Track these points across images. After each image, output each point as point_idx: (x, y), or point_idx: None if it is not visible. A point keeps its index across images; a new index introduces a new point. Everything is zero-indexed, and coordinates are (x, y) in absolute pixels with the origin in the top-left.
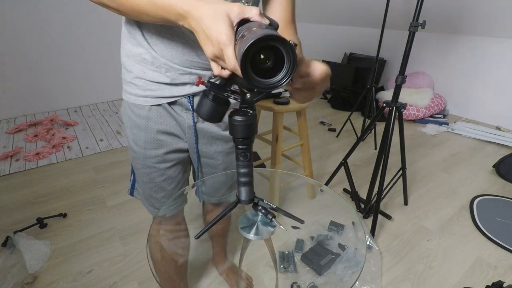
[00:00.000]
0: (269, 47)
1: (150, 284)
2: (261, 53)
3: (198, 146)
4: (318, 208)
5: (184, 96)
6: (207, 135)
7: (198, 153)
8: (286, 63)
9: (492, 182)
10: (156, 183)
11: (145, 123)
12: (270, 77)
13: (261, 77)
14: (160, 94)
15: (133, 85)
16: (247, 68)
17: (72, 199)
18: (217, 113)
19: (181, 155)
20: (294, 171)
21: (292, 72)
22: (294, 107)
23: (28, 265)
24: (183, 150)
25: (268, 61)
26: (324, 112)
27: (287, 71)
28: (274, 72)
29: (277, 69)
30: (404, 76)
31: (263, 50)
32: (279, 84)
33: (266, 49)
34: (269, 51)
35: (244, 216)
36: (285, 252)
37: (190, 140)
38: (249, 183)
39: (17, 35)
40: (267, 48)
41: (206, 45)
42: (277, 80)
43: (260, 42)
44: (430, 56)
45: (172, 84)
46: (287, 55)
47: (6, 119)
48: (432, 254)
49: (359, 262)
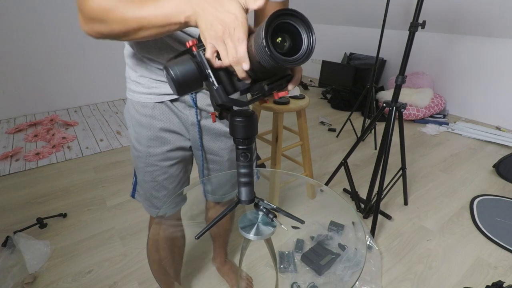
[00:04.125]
0: (285, 29)
1: (150, 284)
2: (278, 36)
3: (203, 143)
4: (318, 208)
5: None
6: (211, 132)
7: (203, 149)
8: (305, 35)
9: (492, 182)
10: (158, 181)
11: (148, 121)
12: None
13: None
14: (164, 91)
15: (138, 83)
16: (269, 45)
17: (72, 199)
18: (190, 80)
19: (183, 153)
20: (294, 171)
21: (312, 48)
22: (294, 107)
23: (28, 265)
24: (185, 148)
25: (285, 43)
26: (324, 112)
27: (308, 44)
28: (292, 54)
29: (292, 53)
30: (404, 76)
31: (279, 33)
32: (299, 59)
33: (283, 31)
34: (285, 33)
35: (244, 216)
36: (285, 252)
37: (194, 137)
38: (250, 183)
39: (17, 35)
40: (283, 30)
41: (214, 25)
42: (298, 57)
43: (277, 18)
44: (430, 56)
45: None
46: (304, 26)
47: (6, 119)
48: (432, 254)
49: (359, 262)
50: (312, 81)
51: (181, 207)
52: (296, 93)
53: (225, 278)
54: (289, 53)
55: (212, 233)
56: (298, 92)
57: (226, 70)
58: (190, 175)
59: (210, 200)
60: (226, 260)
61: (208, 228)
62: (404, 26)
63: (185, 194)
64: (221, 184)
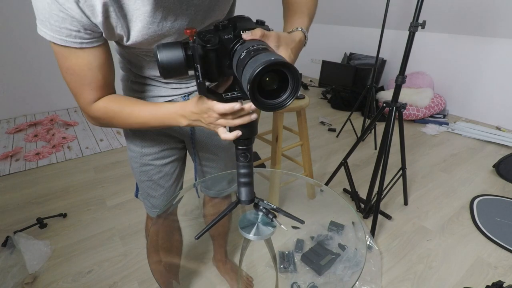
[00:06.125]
0: (275, 70)
1: (150, 284)
2: (267, 76)
3: (197, 138)
4: (318, 208)
5: (180, 95)
6: (204, 132)
7: (197, 149)
8: (290, 85)
9: (492, 182)
10: (154, 180)
11: None
12: (275, 97)
13: (266, 98)
14: (157, 94)
15: (132, 85)
16: (255, 94)
17: (72, 199)
18: (174, 68)
19: (177, 152)
20: (294, 171)
21: (296, 93)
22: (294, 107)
23: (28, 265)
24: (179, 148)
25: (273, 83)
26: (324, 112)
27: (291, 91)
28: (279, 92)
29: (282, 89)
30: (404, 76)
31: (269, 73)
32: (283, 104)
33: (272, 72)
34: (274, 74)
35: (244, 217)
36: (285, 252)
37: (188, 137)
38: (249, 184)
39: (17, 35)
40: (273, 71)
41: (206, 121)
42: (281, 100)
43: (267, 68)
44: (430, 56)
45: (168, 83)
46: (291, 78)
47: (6, 119)
48: (432, 254)
49: (359, 262)
50: (312, 81)
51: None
52: None
53: (225, 278)
54: (276, 91)
55: (212, 232)
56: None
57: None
58: (185, 172)
59: (206, 194)
60: (226, 259)
61: (207, 228)
62: (404, 26)
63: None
64: (217, 182)
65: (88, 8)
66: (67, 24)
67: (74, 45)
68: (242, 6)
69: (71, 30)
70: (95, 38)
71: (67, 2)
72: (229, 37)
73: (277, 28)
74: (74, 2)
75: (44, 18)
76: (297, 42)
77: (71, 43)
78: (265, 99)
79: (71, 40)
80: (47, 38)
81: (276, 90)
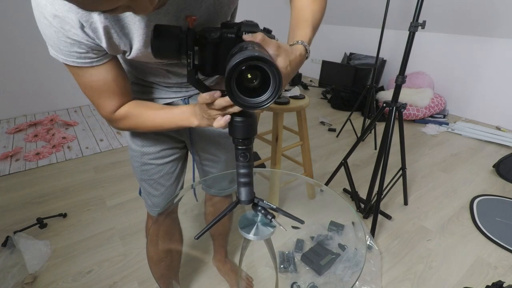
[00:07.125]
0: (257, 67)
1: (150, 284)
2: (249, 72)
3: (195, 139)
4: (318, 208)
5: (180, 98)
6: (204, 133)
7: (196, 151)
8: (272, 85)
9: (492, 182)
10: (154, 179)
11: None
12: (255, 96)
13: (247, 95)
14: (157, 95)
15: (132, 86)
16: (231, 84)
17: (72, 199)
18: (165, 50)
19: (178, 151)
20: (294, 171)
21: (277, 95)
22: (294, 107)
23: (28, 265)
24: (180, 147)
25: (255, 80)
26: (324, 112)
27: (272, 92)
28: (260, 92)
29: (263, 89)
30: (404, 76)
31: (251, 69)
32: (262, 104)
33: (254, 69)
34: (257, 71)
35: (244, 216)
36: (285, 252)
37: (187, 138)
38: (249, 184)
39: (17, 35)
40: (255, 68)
41: (206, 116)
42: (261, 100)
43: (248, 60)
44: (430, 56)
45: (168, 86)
46: (272, 77)
47: (6, 119)
48: (432, 254)
49: (359, 262)
50: (312, 81)
51: (178, 203)
52: (296, 93)
53: (225, 278)
54: (259, 88)
55: (212, 232)
56: (298, 92)
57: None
58: (186, 171)
59: (207, 192)
60: (226, 259)
61: (207, 228)
62: (404, 26)
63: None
64: (218, 181)
65: (93, 32)
66: (76, 48)
67: (86, 64)
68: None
69: (80, 53)
70: (103, 55)
71: (72, 28)
72: (231, 36)
73: (282, 40)
74: (79, 28)
75: (54, 44)
76: (297, 56)
77: (82, 63)
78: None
79: (82, 61)
80: (60, 61)
81: (257, 90)
